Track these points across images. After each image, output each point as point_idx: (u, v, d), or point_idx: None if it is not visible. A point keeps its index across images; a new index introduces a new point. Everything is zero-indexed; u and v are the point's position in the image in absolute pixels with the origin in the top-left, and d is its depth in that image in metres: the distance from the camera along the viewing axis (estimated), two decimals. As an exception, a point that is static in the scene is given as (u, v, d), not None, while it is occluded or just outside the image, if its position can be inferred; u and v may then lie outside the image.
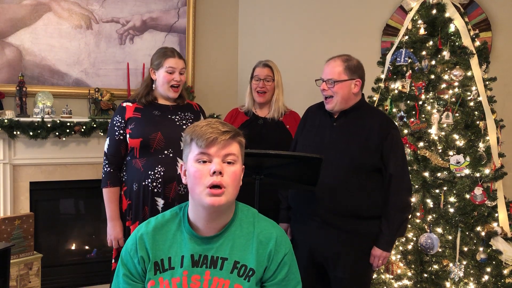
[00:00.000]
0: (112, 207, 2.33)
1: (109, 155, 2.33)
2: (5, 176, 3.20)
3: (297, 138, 2.38)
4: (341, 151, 2.14)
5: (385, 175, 2.14)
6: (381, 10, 3.61)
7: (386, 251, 2.14)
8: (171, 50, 2.40)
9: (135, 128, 2.29)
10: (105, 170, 2.34)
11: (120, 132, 2.32)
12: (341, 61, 2.17)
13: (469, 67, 2.64)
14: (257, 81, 2.79)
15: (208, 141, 1.32)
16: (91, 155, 3.42)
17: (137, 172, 2.29)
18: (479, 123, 2.62)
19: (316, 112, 2.34)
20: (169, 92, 2.36)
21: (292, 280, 1.44)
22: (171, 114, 2.37)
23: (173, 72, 2.34)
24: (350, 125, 2.19)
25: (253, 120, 2.80)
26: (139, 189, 2.28)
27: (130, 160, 2.32)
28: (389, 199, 2.13)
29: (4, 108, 3.17)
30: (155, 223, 1.43)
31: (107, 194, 2.32)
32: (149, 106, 2.36)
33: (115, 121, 2.34)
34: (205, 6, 3.88)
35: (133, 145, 2.29)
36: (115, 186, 2.33)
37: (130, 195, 2.32)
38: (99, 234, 3.64)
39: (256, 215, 1.48)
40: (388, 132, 2.15)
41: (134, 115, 2.33)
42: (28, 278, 3.05)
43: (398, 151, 2.17)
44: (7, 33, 3.25)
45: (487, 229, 2.52)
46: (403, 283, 2.63)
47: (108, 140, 2.34)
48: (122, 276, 1.41)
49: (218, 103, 3.83)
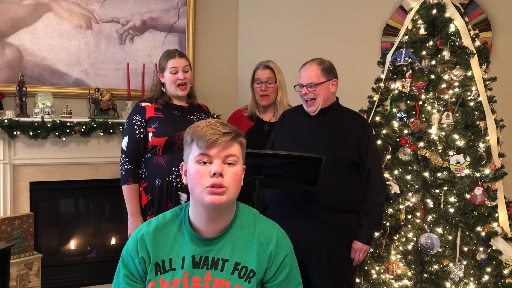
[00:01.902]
0: (133, 203, 2.42)
1: (129, 153, 2.43)
2: (5, 176, 3.19)
3: (273, 139, 2.44)
4: (322, 146, 2.22)
5: (363, 171, 2.25)
6: (381, 10, 3.61)
7: (367, 244, 2.24)
8: (173, 52, 2.50)
9: (159, 127, 2.41)
10: (125, 167, 2.43)
11: (141, 131, 2.43)
12: (316, 64, 2.29)
13: (469, 67, 2.64)
14: (258, 84, 2.73)
15: (208, 142, 1.32)
16: (91, 155, 3.42)
17: (160, 168, 2.39)
18: (479, 123, 2.62)
19: (292, 114, 2.44)
20: (177, 91, 2.47)
21: (292, 281, 1.44)
22: (189, 115, 2.51)
23: (176, 71, 2.45)
24: (328, 123, 2.30)
25: (258, 126, 2.75)
26: (163, 184, 2.39)
27: (151, 157, 2.43)
28: (368, 193, 2.24)
29: (4, 108, 3.17)
30: (156, 223, 1.43)
31: (129, 191, 2.42)
32: (167, 106, 2.49)
33: (134, 120, 2.44)
34: (205, 6, 3.88)
35: (157, 143, 2.41)
36: (135, 183, 2.44)
37: (151, 191, 2.42)
38: (99, 234, 3.64)
39: (257, 216, 1.48)
40: (364, 129, 2.28)
41: (155, 114, 2.44)
42: (28, 278, 3.05)
43: (374, 149, 2.31)
44: (7, 33, 3.25)
45: (487, 229, 2.52)
46: (403, 283, 2.63)
47: (127, 138, 2.44)
48: (122, 277, 1.41)
49: (218, 103, 3.83)
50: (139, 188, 2.46)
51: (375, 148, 2.33)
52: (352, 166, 2.25)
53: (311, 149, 2.16)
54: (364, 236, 2.23)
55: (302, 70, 2.32)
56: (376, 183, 2.25)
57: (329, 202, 2.20)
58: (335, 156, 2.20)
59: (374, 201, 2.24)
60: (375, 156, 2.29)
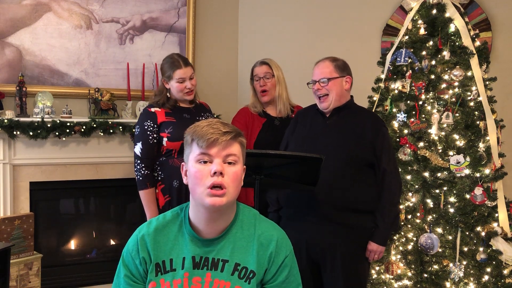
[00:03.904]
0: (152, 207, 2.49)
1: (145, 158, 2.49)
2: (5, 176, 3.19)
3: (288, 139, 2.41)
4: (337, 144, 2.20)
5: (378, 170, 2.21)
6: (381, 10, 3.61)
7: (382, 245, 2.20)
8: (178, 60, 2.54)
9: (174, 131, 2.48)
10: (142, 173, 2.49)
11: (154, 136, 2.49)
12: (329, 61, 2.28)
13: (469, 67, 2.64)
14: (257, 81, 2.79)
15: (209, 141, 1.32)
16: (91, 155, 3.42)
17: (176, 170, 2.43)
18: (479, 123, 2.62)
19: (306, 114, 2.41)
20: (185, 97, 2.58)
21: (292, 282, 1.44)
22: (197, 116, 2.60)
23: (183, 81, 2.52)
24: (343, 122, 2.27)
25: (270, 122, 2.78)
26: (181, 185, 2.46)
27: (166, 160, 2.51)
28: (384, 193, 2.20)
29: (4, 108, 3.17)
30: (157, 224, 1.43)
31: (147, 195, 2.49)
32: (176, 110, 2.57)
33: (146, 126, 2.49)
34: (205, 6, 3.88)
35: (172, 147, 2.49)
36: (153, 187, 2.51)
37: (170, 192, 2.50)
38: (99, 234, 3.64)
39: (257, 216, 1.47)
40: (379, 129, 2.24)
41: (167, 119, 2.52)
42: (28, 278, 3.05)
43: (390, 148, 2.27)
44: (7, 33, 3.24)
45: (487, 229, 2.53)
46: (403, 283, 2.63)
47: (141, 144, 2.49)
48: (123, 277, 1.41)
49: (218, 103, 3.83)
50: (155, 190, 2.53)
51: (390, 147, 2.28)
52: (367, 166, 2.21)
53: (324, 149, 2.14)
54: (379, 236, 2.19)
55: (315, 67, 2.32)
56: (392, 182, 2.20)
57: (343, 203, 2.16)
58: (349, 156, 2.17)
59: (390, 201, 2.19)
60: (391, 156, 2.25)
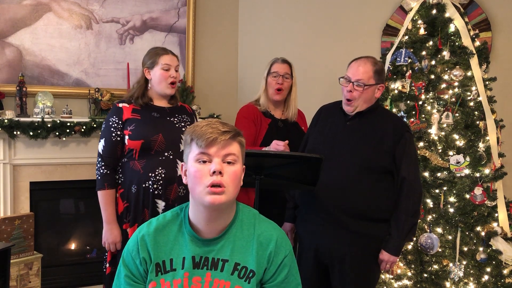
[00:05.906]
0: (109, 210, 2.28)
1: (105, 157, 2.28)
2: (5, 176, 3.19)
3: (308, 136, 2.34)
4: (353, 150, 2.10)
5: (397, 178, 2.09)
6: (381, 10, 3.61)
7: (395, 255, 2.09)
8: (163, 48, 2.38)
9: (135, 129, 2.26)
10: (101, 172, 2.28)
11: (117, 133, 2.27)
12: (371, 64, 2.12)
13: (469, 67, 2.64)
14: (275, 77, 2.62)
15: (208, 141, 1.32)
16: (91, 155, 3.41)
17: (136, 174, 2.25)
18: (479, 123, 2.62)
19: (330, 111, 2.29)
20: (167, 89, 2.33)
21: (291, 282, 1.44)
22: (169, 116, 2.35)
23: (169, 68, 2.31)
24: (363, 126, 2.15)
25: (274, 123, 2.65)
26: (139, 191, 2.24)
27: (127, 161, 2.28)
28: (401, 203, 2.07)
29: (4, 108, 3.17)
30: (157, 224, 1.43)
31: (104, 197, 2.27)
32: (146, 107, 2.33)
33: (111, 122, 2.28)
34: (205, 6, 3.88)
35: (133, 146, 2.26)
36: (112, 188, 2.28)
37: (128, 197, 2.28)
38: (99, 234, 3.63)
39: (257, 216, 1.47)
40: (402, 135, 2.11)
41: (132, 116, 2.29)
42: (28, 278, 3.05)
43: (412, 155, 2.12)
44: (7, 33, 3.25)
45: (487, 229, 2.53)
46: (403, 283, 2.63)
47: (104, 141, 2.28)
48: (123, 277, 1.41)
49: (218, 103, 3.84)
50: (115, 194, 2.31)
51: (412, 154, 2.12)
52: (384, 173, 2.09)
53: (340, 152, 2.08)
54: (392, 246, 2.07)
55: (354, 64, 2.14)
56: (410, 192, 2.07)
57: (355, 209, 2.06)
58: (365, 161, 2.07)
59: (406, 210, 2.06)
60: (411, 163, 2.10)
